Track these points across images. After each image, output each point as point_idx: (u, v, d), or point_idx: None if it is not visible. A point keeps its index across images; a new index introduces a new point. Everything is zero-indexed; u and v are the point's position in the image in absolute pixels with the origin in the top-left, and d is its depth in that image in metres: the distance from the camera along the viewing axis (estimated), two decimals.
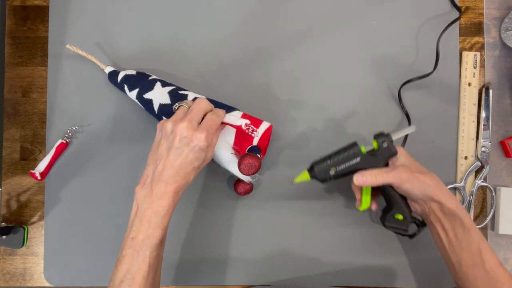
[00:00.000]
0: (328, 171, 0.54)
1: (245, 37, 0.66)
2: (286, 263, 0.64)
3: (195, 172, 0.50)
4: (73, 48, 0.60)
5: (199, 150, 0.49)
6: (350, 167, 0.54)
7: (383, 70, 0.65)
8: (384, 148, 0.53)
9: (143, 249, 0.46)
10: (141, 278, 0.46)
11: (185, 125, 0.49)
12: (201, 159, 0.49)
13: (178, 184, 0.48)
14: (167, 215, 0.48)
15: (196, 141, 0.48)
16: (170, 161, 0.48)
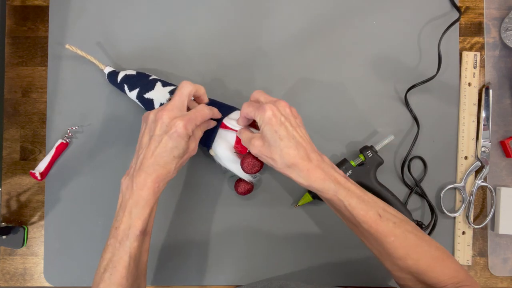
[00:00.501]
0: None
1: (245, 36, 0.66)
2: (286, 263, 0.64)
3: (176, 163, 0.49)
4: (72, 48, 0.60)
5: (178, 137, 0.48)
6: None
7: (384, 72, 0.65)
8: (370, 158, 0.60)
9: (124, 240, 0.47)
10: (122, 268, 0.47)
11: (165, 113, 0.49)
12: (181, 148, 0.49)
13: (158, 173, 0.48)
14: (147, 206, 0.48)
15: (174, 128, 0.48)
16: (151, 150, 0.48)
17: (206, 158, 0.64)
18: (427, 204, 0.64)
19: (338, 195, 0.48)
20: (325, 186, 0.48)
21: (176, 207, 0.64)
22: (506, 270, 0.65)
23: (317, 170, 0.48)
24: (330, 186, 0.48)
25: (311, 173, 0.48)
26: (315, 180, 0.48)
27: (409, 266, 0.47)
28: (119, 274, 0.46)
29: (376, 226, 0.47)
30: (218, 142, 0.57)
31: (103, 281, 0.47)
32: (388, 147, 0.63)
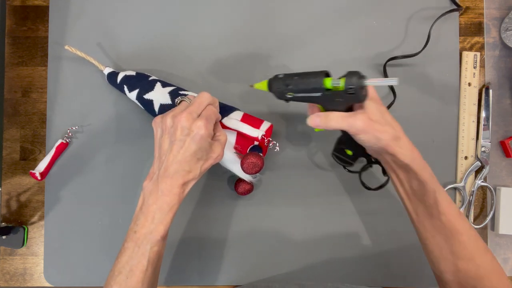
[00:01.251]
0: (286, 94, 0.50)
1: (245, 37, 0.66)
2: (286, 262, 0.64)
3: (201, 166, 0.49)
4: (72, 49, 0.60)
5: (200, 138, 0.48)
6: (309, 98, 0.49)
7: (383, 70, 0.66)
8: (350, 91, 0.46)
9: (144, 244, 0.46)
10: (140, 272, 0.46)
11: (184, 116, 0.48)
12: (204, 149, 0.48)
13: (184, 179, 0.48)
14: (171, 212, 0.48)
15: (196, 130, 0.48)
16: (174, 155, 0.48)
17: None
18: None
19: (433, 178, 0.49)
20: (425, 165, 0.49)
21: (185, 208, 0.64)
22: (506, 270, 0.65)
23: (416, 148, 0.49)
24: (428, 167, 0.49)
25: (415, 150, 0.49)
26: (418, 156, 0.49)
27: (469, 270, 0.47)
28: (135, 278, 0.46)
29: (455, 221, 0.48)
30: None
31: (117, 283, 0.46)
32: None
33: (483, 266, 0.47)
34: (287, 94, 0.50)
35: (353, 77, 0.45)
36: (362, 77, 0.45)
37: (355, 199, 0.65)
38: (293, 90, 0.49)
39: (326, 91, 0.47)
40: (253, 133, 0.55)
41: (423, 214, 0.50)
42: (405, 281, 0.64)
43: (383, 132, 0.47)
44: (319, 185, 0.64)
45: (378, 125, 0.47)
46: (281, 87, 0.50)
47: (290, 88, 0.49)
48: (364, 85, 0.45)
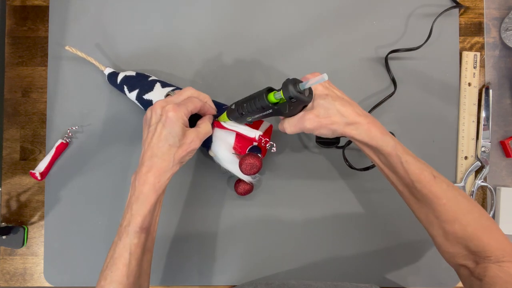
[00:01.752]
0: (245, 119, 0.52)
1: (245, 37, 0.66)
2: (286, 262, 0.64)
3: (174, 153, 0.48)
4: (72, 49, 0.60)
5: (170, 122, 0.48)
6: (266, 115, 0.51)
7: (384, 70, 0.65)
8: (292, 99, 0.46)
9: (124, 236, 0.47)
10: (123, 265, 0.46)
11: (159, 103, 0.49)
12: (175, 134, 0.48)
13: (157, 167, 0.47)
14: (146, 202, 0.47)
15: (165, 114, 0.48)
16: (147, 142, 0.48)
17: (206, 158, 0.64)
18: None
19: (397, 150, 0.48)
20: (385, 141, 0.49)
21: (176, 207, 0.64)
22: None
23: (376, 124, 0.49)
24: (390, 141, 0.49)
25: (371, 127, 0.49)
26: (376, 134, 0.49)
27: (455, 231, 0.47)
28: (119, 272, 0.46)
29: (430, 187, 0.47)
30: (217, 143, 0.57)
31: (103, 278, 0.46)
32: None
33: (470, 225, 0.47)
34: (247, 118, 0.52)
35: (289, 86, 0.45)
36: (296, 84, 0.46)
37: (355, 199, 0.65)
38: (248, 115, 0.51)
39: (275, 105, 0.48)
40: (251, 133, 0.55)
41: (401, 184, 0.51)
42: (406, 280, 0.64)
43: (333, 123, 0.49)
44: (319, 186, 0.64)
45: (327, 120, 0.49)
46: (237, 116, 0.52)
47: (244, 114, 0.51)
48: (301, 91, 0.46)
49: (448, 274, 0.65)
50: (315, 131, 0.50)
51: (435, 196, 0.47)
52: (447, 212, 0.47)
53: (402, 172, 0.49)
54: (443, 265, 0.64)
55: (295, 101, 0.47)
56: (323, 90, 0.50)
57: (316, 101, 0.49)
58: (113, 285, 0.46)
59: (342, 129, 0.49)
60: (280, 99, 0.47)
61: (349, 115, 0.49)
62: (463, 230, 0.47)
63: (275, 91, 0.48)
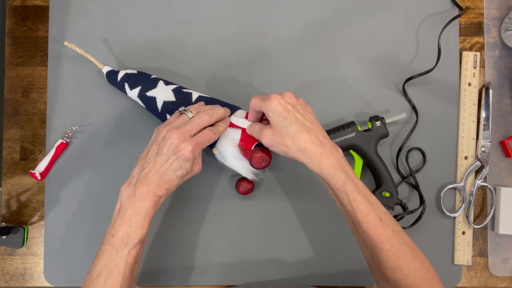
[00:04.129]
0: None
1: (246, 37, 0.66)
2: (286, 262, 0.64)
3: (178, 181, 0.51)
4: (71, 45, 0.60)
5: (184, 160, 0.50)
6: (345, 141, 0.61)
7: (384, 70, 0.65)
8: (377, 127, 0.61)
9: (121, 247, 0.48)
10: (118, 274, 0.47)
11: (176, 134, 0.50)
12: (185, 169, 0.50)
13: (160, 189, 0.50)
14: (147, 217, 0.49)
15: (182, 151, 0.49)
16: (156, 167, 0.50)
17: (205, 157, 0.64)
18: (418, 194, 0.64)
19: (346, 187, 0.48)
20: (336, 175, 0.48)
21: (176, 206, 0.64)
22: (506, 270, 0.65)
23: (330, 156, 0.48)
24: (340, 176, 0.48)
25: (324, 159, 0.48)
26: (327, 166, 0.48)
27: (397, 279, 0.46)
28: (114, 281, 0.47)
29: (375, 229, 0.47)
30: (224, 140, 0.57)
31: (95, 286, 0.47)
32: (389, 137, 0.64)
33: (411, 276, 0.46)
34: None
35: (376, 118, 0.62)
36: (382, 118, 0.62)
37: None
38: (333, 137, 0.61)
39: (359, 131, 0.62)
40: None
41: (348, 219, 0.50)
42: None
43: (284, 146, 0.49)
44: (319, 186, 0.64)
45: (279, 140, 0.50)
46: None
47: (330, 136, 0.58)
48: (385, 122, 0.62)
49: (448, 274, 0.65)
50: (269, 147, 0.52)
51: (379, 239, 0.47)
52: (390, 259, 0.46)
53: (349, 209, 0.48)
54: (442, 265, 0.65)
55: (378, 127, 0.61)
56: (283, 112, 0.49)
57: (275, 120, 0.50)
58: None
59: (294, 154, 0.49)
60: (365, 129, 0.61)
61: (302, 143, 0.48)
62: (404, 280, 0.46)
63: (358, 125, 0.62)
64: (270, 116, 0.50)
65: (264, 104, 0.50)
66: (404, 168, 0.65)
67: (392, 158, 0.65)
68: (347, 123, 0.62)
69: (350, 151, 0.62)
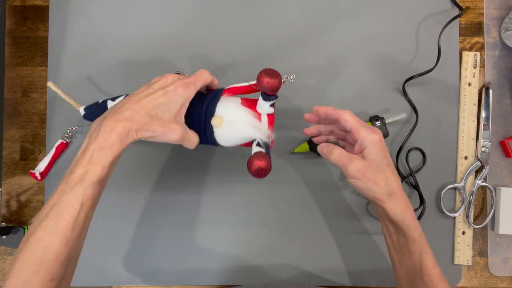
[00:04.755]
0: (325, 142, 0.57)
1: (245, 37, 0.66)
2: (286, 264, 0.64)
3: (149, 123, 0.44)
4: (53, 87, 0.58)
5: (173, 96, 0.46)
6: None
7: (385, 70, 0.65)
8: (377, 127, 0.60)
9: (77, 185, 0.41)
10: (70, 216, 0.41)
11: (173, 76, 0.48)
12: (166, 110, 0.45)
13: (132, 121, 0.43)
14: (110, 152, 0.43)
15: (174, 86, 0.46)
16: (139, 97, 0.45)
17: (205, 158, 0.64)
18: (418, 194, 0.64)
19: (421, 239, 0.48)
20: (415, 225, 0.47)
21: (175, 207, 0.64)
22: (506, 270, 0.65)
23: (410, 206, 0.48)
24: (418, 228, 0.48)
25: (408, 207, 0.47)
26: (409, 216, 0.47)
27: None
28: (65, 223, 0.40)
29: (436, 284, 0.47)
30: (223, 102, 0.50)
31: (42, 229, 0.40)
32: (389, 137, 0.64)
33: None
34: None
35: (375, 118, 0.61)
36: (382, 117, 0.61)
37: (356, 199, 0.65)
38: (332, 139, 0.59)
39: None
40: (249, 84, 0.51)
41: (407, 268, 0.49)
42: None
43: (375, 185, 0.47)
44: (319, 187, 0.64)
45: (372, 176, 0.47)
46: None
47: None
48: (385, 122, 0.62)
49: (448, 274, 0.65)
50: (351, 178, 0.47)
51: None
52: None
53: (416, 260, 0.48)
54: (443, 265, 0.64)
55: (378, 126, 0.61)
56: (383, 151, 0.48)
57: (372, 156, 0.47)
58: (55, 237, 0.40)
59: (379, 195, 0.47)
60: None
61: (394, 187, 0.47)
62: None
63: None
64: (369, 149, 0.47)
65: (364, 131, 0.47)
66: (404, 168, 0.65)
67: (392, 158, 0.65)
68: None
69: None
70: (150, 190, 0.64)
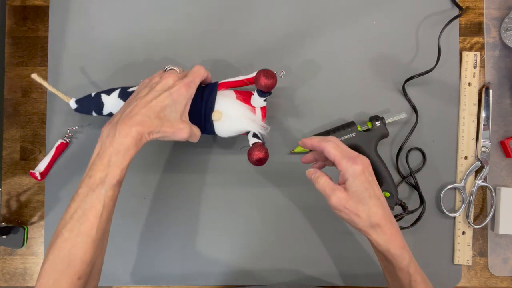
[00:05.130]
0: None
1: (245, 37, 0.66)
2: (287, 265, 0.64)
3: (162, 124, 0.47)
4: (38, 78, 0.57)
5: (178, 97, 0.48)
6: (345, 141, 0.61)
7: (384, 69, 0.65)
8: (377, 127, 0.61)
9: (99, 188, 0.44)
10: (94, 217, 0.44)
11: (172, 76, 0.50)
12: (174, 111, 0.48)
13: (145, 124, 0.46)
14: (127, 155, 0.45)
15: (177, 87, 0.48)
16: (146, 101, 0.48)
17: (208, 160, 0.64)
18: (418, 194, 0.64)
19: (410, 268, 0.47)
20: (402, 255, 0.47)
21: (176, 207, 0.64)
22: (506, 270, 0.65)
23: (398, 235, 0.47)
24: (406, 257, 0.47)
25: (394, 238, 0.47)
26: (395, 246, 0.47)
27: None
28: (89, 224, 0.43)
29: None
30: (220, 98, 0.54)
31: (68, 230, 0.43)
32: (389, 137, 0.63)
33: None
34: None
35: (376, 118, 0.62)
36: (382, 117, 0.61)
37: None
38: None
39: (359, 131, 0.61)
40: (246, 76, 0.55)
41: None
42: None
43: (357, 217, 0.46)
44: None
45: (354, 209, 0.46)
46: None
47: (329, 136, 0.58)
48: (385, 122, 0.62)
49: (448, 274, 0.65)
50: (334, 209, 0.48)
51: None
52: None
53: (405, 283, 0.48)
54: (443, 265, 0.65)
55: (378, 127, 0.61)
56: (365, 182, 0.47)
57: (354, 188, 0.47)
58: (81, 237, 0.43)
59: (362, 227, 0.47)
60: (365, 129, 0.61)
61: (377, 219, 0.46)
62: None
63: (358, 125, 0.61)
64: (350, 181, 0.47)
65: (345, 163, 0.47)
66: (404, 168, 0.65)
67: (392, 158, 0.65)
68: (347, 123, 0.62)
69: None
70: (151, 190, 0.64)
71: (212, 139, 0.64)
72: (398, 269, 0.47)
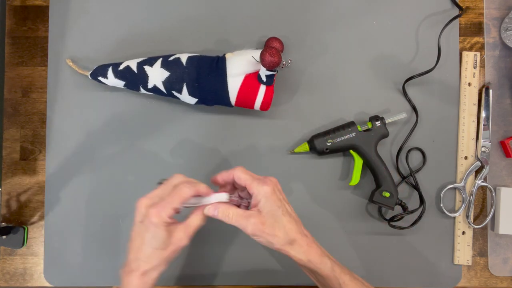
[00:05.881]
0: (326, 142, 0.61)
1: (245, 37, 0.65)
2: (285, 263, 0.64)
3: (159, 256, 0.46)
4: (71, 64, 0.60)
5: (153, 227, 0.45)
6: (345, 141, 0.61)
7: (385, 70, 0.65)
8: (377, 127, 0.61)
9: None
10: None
11: (143, 201, 0.47)
12: (159, 238, 0.46)
13: (142, 270, 0.46)
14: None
15: (148, 217, 0.45)
16: (133, 243, 0.47)
17: (206, 157, 0.64)
18: (418, 194, 0.64)
19: (334, 272, 0.49)
20: (323, 261, 0.49)
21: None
22: (506, 270, 0.65)
23: (313, 244, 0.50)
24: (327, 262, 0.49)
25: (310, 248, 0.49)
26: (314, 255, 0.49)
27: None
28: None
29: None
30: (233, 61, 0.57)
31: None
32: (389, 137, 0.63)
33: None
34: (327, 142, 0.61)
35: (376, 118, 0.62)
36: (382, 118, 0.62)
37: (356, 199, 0.65)
38: (332, 137, 0.61)
39: (359, 131, 0.61)
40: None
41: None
42: (406, 280, 0.64)
43: (275, 237, 0.47)
44: (320, 188, 0.64)
45: (270, 230, 0.47)
46: (321, 138, 0.61)
47: (329, 136, 0.61)
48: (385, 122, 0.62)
49: (448, 274, 0.65)
50: (253, 236, 0.48)
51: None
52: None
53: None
54: (443, 265, 0.65)
55: (378, 127, 0.61)
56: (277, 201, 0.48)
57: (267, 208, 0.48)
58: None
59: (281, 246, 0.48)
60: (365, 129, 0.61)
61: (293, 234, 0.48)
62: None
63: (358, 125, 0.62)
64: (262, 202, 0.47)
65: (256, 185, 0.48)
66: (404, 168, 0.65)
67: (392, 158, 0.65)
68: (347, 123, 0.62)
69: (350, 151, 0.62)
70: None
71: (219, 141, 0.65)
72: (325, 276, 0.49)
